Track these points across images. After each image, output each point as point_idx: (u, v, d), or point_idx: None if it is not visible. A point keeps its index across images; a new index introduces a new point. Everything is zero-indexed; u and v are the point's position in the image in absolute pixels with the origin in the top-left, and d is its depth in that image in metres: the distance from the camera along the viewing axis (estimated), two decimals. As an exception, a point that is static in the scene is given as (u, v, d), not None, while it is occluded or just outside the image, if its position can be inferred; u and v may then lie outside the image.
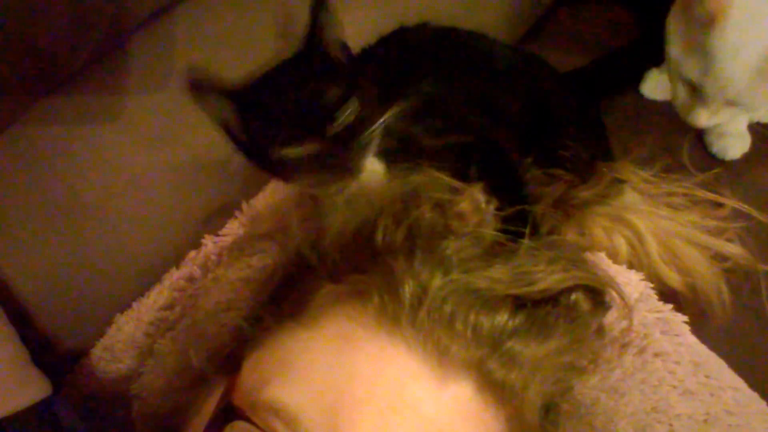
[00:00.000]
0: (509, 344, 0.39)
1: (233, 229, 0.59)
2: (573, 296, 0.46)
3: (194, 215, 0.59)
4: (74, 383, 0.54)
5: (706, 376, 0.50)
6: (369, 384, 0.37)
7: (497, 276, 0.42)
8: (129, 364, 0.55)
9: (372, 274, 0.42)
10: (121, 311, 0.56)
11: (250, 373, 0.41)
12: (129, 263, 0.57)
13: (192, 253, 0.58)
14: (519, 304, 0.42)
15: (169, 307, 0.56)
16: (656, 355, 0.50)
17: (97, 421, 0.47)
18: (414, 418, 0.37)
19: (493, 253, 0.44)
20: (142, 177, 0.57)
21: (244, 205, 0.60)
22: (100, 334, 0.56)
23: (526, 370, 0.40)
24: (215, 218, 0.60)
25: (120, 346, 0.55)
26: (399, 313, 0.39)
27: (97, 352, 0.55)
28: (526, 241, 0.45)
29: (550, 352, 0.41)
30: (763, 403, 0.51)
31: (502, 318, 0.40)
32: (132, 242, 0.56)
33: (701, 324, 0.54)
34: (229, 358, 0.44)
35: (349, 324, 0.40)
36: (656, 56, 0.70)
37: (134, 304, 0.56)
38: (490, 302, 0.40)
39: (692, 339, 0.52)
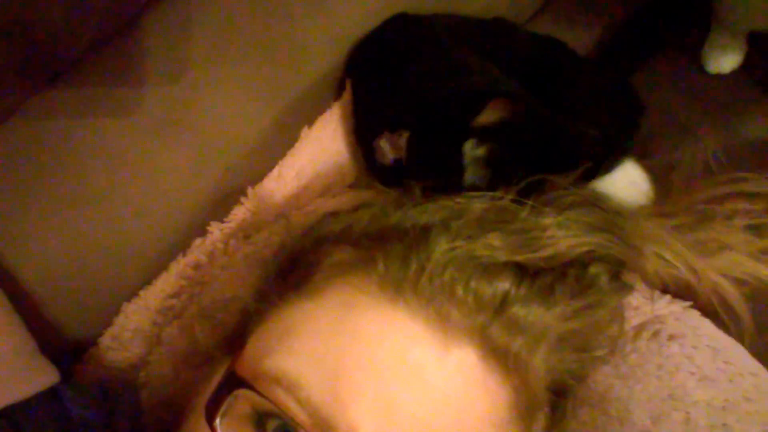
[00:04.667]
0: (512, 310, 0.39)
1: (239, 215, 0.59)
2: (591, 270, 0.45)
3: (200, 202, 0.58)
4: (82, 372, 0.54)
5: (725, 362, 0.48)
6: (371, 348, 0.37)
7: (496, 243, 0.42)
8: (137, 353, 0.55)
9: (385, 243, 0.42)
10: (129, 300, 0.56)
11: (254, 346, 0.41)
12: (135, 252, 0.56)
13: (198, 241, 0.58)
14: (524, 271, 0.41)
15: (177, 295, 0.56)
16: (672, 338, 0.48)
17: (106, 408, 0.46)
18: (416, 383, 0.37)
19: (498, 220, 0.44)
20: (147, 165, 0.56)
21: (250, 191, 0.60)
22: (108, 323, 0.56)
23: (530, 337, 0.40)
24: (221, 205, 0.59)
25: (127, 334, 0.55)
26: (402, 281, 0.39)
27: (105, 341, 0.55)
28: (529, 203, 0.45)
29: (555, 318, 0.41)
30: (786, 389, 0.49)
31: (504, 284, 0.40)
32: (138, 231, 0.56)
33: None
34: (235, 336, 0.45)
35: (353, 292, 0.40)
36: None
37: (141, 293, 0.56)
38: (489, 269, 0.40)
39: (710, 325, 0.51)
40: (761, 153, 0.70)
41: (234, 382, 0.38)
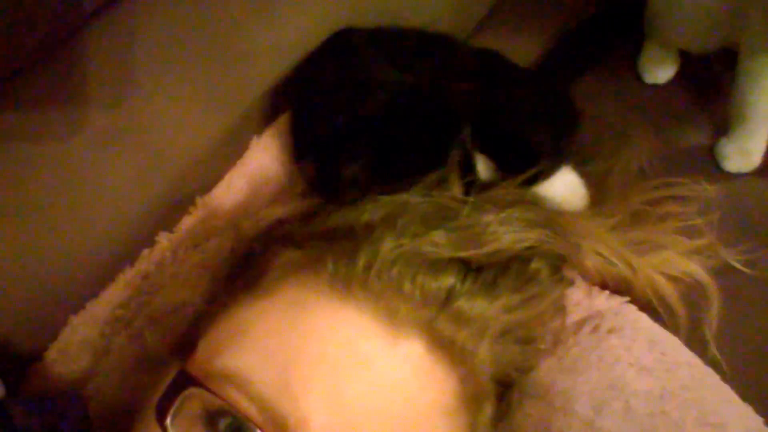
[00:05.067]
0: (457, 304, 0.41)
1: (188, 224, 0.59)
2: (532, 265, 0.46)
3: (148, 212, 0.58)
4: (29, 386, 0.53)
5: (662, 353, 0.51)
6: (321, 342, 0.38)
7: (440, 240, 0.43)
8: (84, 365, 0.54)
9: (332, 243, 0.43)
10: (75, 312, 0.55)
11: (204, 347, 0.42)
12: (81, 263, 0.55)
13: (146, 251, 0.57)
14: (468, 266, 0.43)
15: (125, 305, 0.55)
16: (611, 331, 0.51)
17: (52, 420, 0.46)
18: (367, 375, 0.38)
19: (441, 217, 0.45)
20: (93, 174, 0.55)
21: (199, 201, 0.60)
22: (54, 337, 0.55)
23: (475, 328, 0.41)
24: (169, 215, 0.59)
25: (74, 347, 0.54)
26: (351, 278, 0.40)
27: (51, 354, 0.54)
28: (470, 200, 0.47)
29: (498, 310, 0.43)
30: (717, 377, 0.51)
31: (449, 279, 0.41)
32: (83, 242, 0.55)
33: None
34: (186, 340, 0.44)
35: (303, 291, 0.41)
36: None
37: (88, 305, 0.55)
38: (435, 264, 0.42)
39: (647, 319, 0.53)
40: (693, 159, 0.73)
41: (184, 381, 0.38)
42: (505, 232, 0.45)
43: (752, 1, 0.64)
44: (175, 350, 0.45)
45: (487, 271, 0.44)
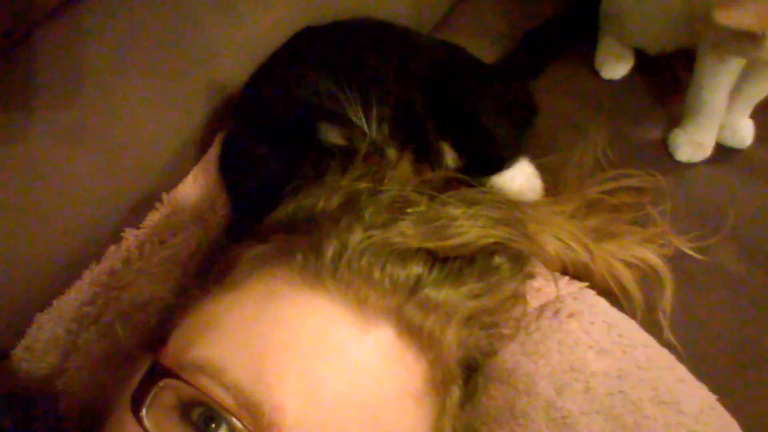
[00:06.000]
0: (425, 291, 0.42)
1: (154, 220, 0.59)
2: (496, 259, 0.48)
3: (113, 209, 0.58)
4: (-2, 386, 0.53)
5: (619, 335, 0.53)
6: (293, 331, 0.39)
7: (408, 231, 0.44)
8: (52, 362, 0.54)
9: (298, 235, 0.44)
10: (42, 310, 0.55)
11: (177, 339, 0.42)
12: (47, 261, 0.55)
13: (112, 248, 0.58)
14: (435, 257, 0.44)
15: (91, 302, 0.55)
16: (571, 315, 0.53)
17: (23, 416, 0.45)
18: (339, 361, 0.39)
19: (410, 210, 0.46)
20: (57, 172, 0.55)
21: (165, 197, 0.60)
22: (21, 335, 0.54)
23: (442, 314, 0.42)
24: (135, 211, 0.59)
25: (41, 345, 0.54)
26: (321, 268, 0.41)
27: (18, 353, 0.54)
28: (442, 197, 0.48)
29: (462, 296, 0.44)
30: (672, 357, 0.54)
31: (417, 268, 0.42)
32: (49, 239, 0.55)
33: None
34: (157, 333, 0.44)
35: (273, 282, 0.41)
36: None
37: (54, 302, 0.55)
38: (403, 254, 0.43)
39: (604, 303, 0.55)
40: (647, 151, 0.76)
41: (158, 372, 0.38)
42: (471, 227, 0.46)
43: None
44: (146, 344, 0.45)
45: (453, 262, 0.45)
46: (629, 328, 0.54)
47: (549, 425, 0.49)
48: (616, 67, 0.82)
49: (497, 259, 0.48)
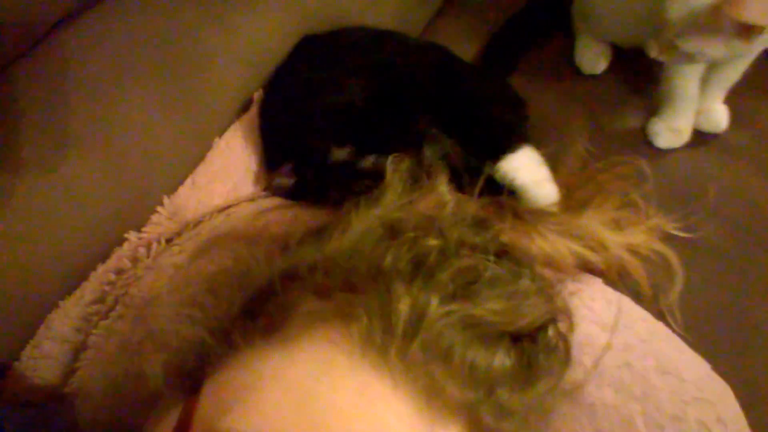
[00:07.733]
0: (503, 390, 0.36)
1: (157, 221, 0.60)
2: (550, 332, 0.44)
3: (117, 213, 0.58)
4: (10, 388, 0.52)
5: (619, 310, 0.55)
6: (347, 421, 0.33)
7: (496, 307, 0.38)
8: (61, 360, 0.53)
9: (365, 295, 0.37)
10: (50, 311, 0.55)
11: (211, 396, 0.36)
12: (53, 264, 0.55)
13: (117, 249, 0.58)
14: (515, 340, 0.39)
15: (100, 300, 0.55)
16: (572, 294, 0.54)
17: (39, 426, 0.45)
18: None
19: (488, 283, 0.41)
20: (61, 177, 0.55)
21: (166, 200, 0.61)
22: (31, 335, 0.54)
23: (519, 419, 0.37)
24: (138, 215, 0.60)
25: (48, 343, 0.54)
26: (388, 342, 0.35)
27: (27, 351, 0.54)
28: (526, 273, 0.43)
29: (538, 395, 0.39)
30: (668, 330, 0.56)
31: (500, 357, 0.37)
32: (54, 242, 0.55)
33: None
34: (190, 375, 0.39)
35: (331, 349, 0.35)
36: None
37: (62, 303, 0.55)
38: (488, 338, 0.37)
39: (599, 281, 0.57)
40: (626, 140, 0.79)
41: None
42: (538, 304, 0.41)
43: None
44: (175, 382, 0.39)
45: (525, 349, 0.39)
46: (626, 303, 0.56)
47: (564, 400, 0.48)
48: (595, 63, 0.84)
49: (551, 333, 0.44)
